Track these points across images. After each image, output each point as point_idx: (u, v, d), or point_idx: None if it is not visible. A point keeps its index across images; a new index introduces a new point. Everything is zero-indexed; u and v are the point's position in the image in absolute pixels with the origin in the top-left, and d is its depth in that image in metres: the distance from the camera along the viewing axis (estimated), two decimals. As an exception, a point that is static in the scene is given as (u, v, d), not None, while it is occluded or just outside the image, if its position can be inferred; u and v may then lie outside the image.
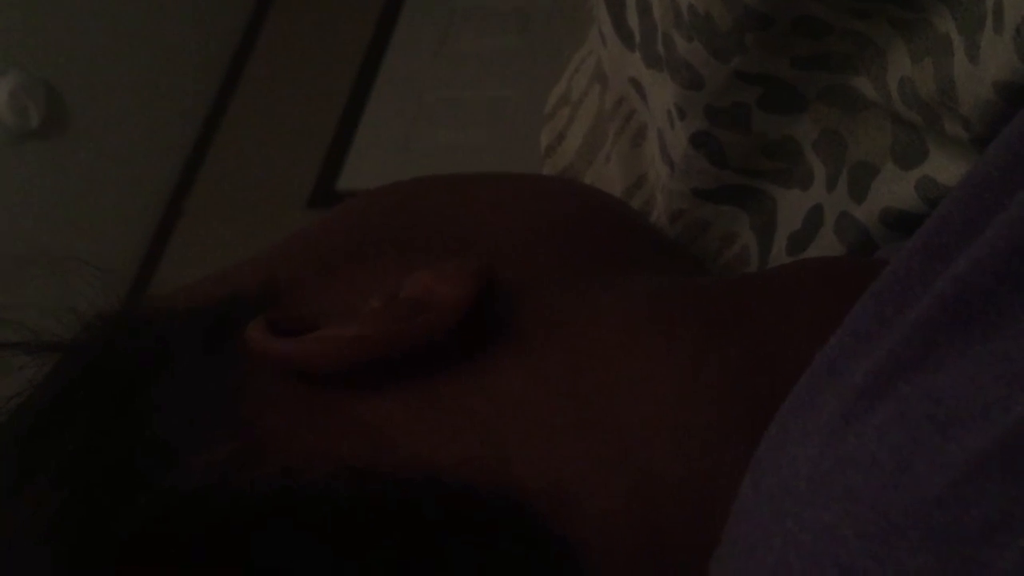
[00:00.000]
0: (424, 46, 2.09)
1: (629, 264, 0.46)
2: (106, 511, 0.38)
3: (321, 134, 2.07)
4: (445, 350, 0.40)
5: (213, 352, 0.41)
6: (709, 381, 0.40)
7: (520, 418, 0.39)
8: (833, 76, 0.48)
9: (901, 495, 0.27)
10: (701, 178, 0.53)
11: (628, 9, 0.54)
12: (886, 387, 0.29)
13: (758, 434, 0.34)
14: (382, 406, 0.39)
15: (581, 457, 0.39)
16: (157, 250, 2.09)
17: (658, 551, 0.38)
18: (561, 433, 0.39)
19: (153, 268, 2.04)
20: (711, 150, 0.51)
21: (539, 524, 0.37)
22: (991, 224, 0.30)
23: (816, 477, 0.29)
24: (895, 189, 0.46)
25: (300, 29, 2.20)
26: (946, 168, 0.44)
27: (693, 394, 0.40)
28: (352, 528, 0.37)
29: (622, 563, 0.38)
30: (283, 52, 2.20)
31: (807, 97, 0.49)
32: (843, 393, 0.30)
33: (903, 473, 0.27)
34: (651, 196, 0.57)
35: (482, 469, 0.38)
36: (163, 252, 2.08)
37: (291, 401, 0.40)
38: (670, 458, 0.39)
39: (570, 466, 0.39)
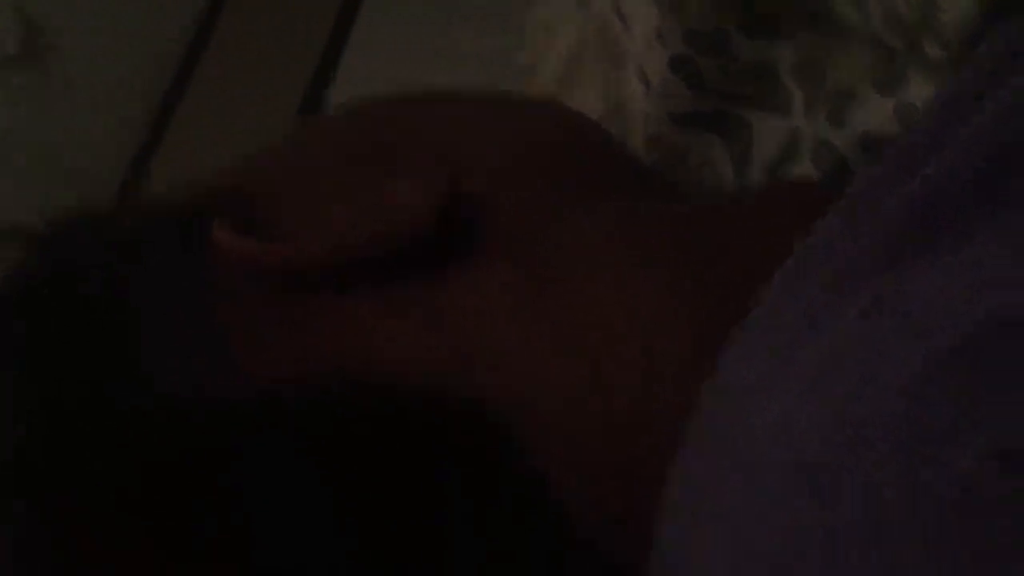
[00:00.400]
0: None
1: (607, 188, 0.46)
2: (72, 446, 0.38)
3: (312, 46, 2.05)
4: (416, 258, 0.40)
5: (186, 251, 0.40)
6: (683, 306, 0.40)
7: (489, 327, 0.39)
8: (815, 1, 0.47)
9: (866, 402, 0.27)
10: (678, 102, 0.53)
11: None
12: (852, 292, 0.29)
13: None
14: (351, 310, 0.39)
15: (548, 370, 0.39)
16: (140, 173, 2.07)
17: (621, 464, 0.37)
18: (529, 345, 0.39)
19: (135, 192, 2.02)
20: (689, 73, 0.51)
21: (501, 432, 0.37)
22: (961, 132, 0.29)
23: (779, 379, 0.29)
24: (874, 114, 0.46)
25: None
26: (925, 93, 0.43)
27: (666, 318, 0.39)
28: (323, 432, 0.37)
29: (583, 473, 0.38)
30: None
31: (788, 22, 0.48)
32: (808, 297, 0.30)
33: (868, 379, 0.27)
34: (629, 122, 0.57)
35: (447, 374, 0.38)
36: (146, 178, 2.06)
37: (262, 305, 0.39)
38: (640, 378, 0.38)
39: (537, 378, 0.38)
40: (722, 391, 0.32)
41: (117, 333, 0.39)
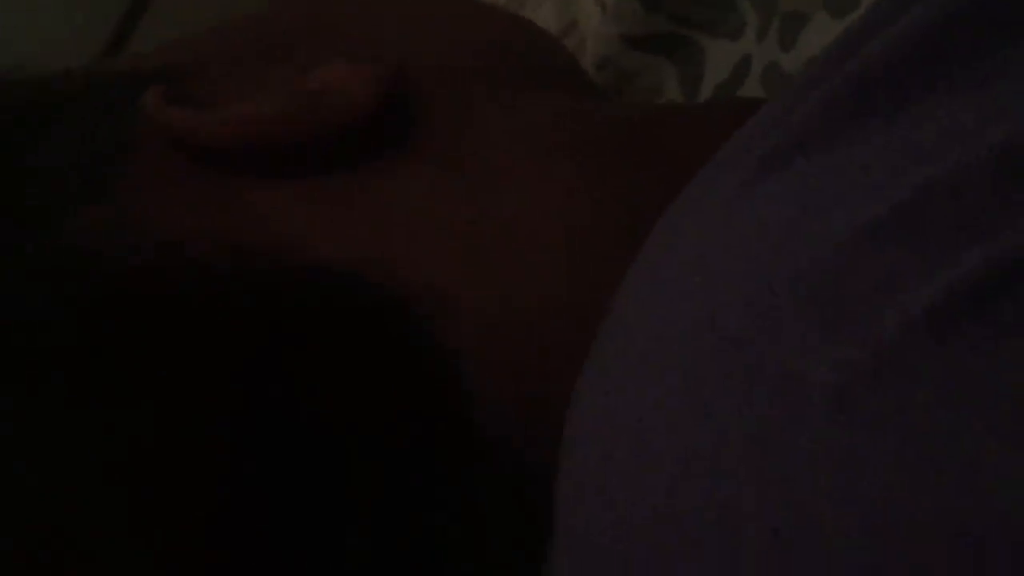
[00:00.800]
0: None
1: (549, 88, 0.45)
2: None
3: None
4: (346, 146, 0.39)
5: (107, 113, 0.39)
6: (614, 206, 0.39)
7: (414, 221, 0.38)
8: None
9: (786, 262, 0.26)
10: (632, 24, 0.52)
11: None
12: (783, 162, 0.28)
13: None
14: (273, 195, 0.38)
15: (472, 266, 0.38)
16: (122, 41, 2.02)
17: (543, 355, 0.37)
18: (454, 241, 0.38)
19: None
20: (644, -7, 0.50)
21: (419, 326, 0.36)
22: (906, 15, 0.29)
23: (700, 249, 0.28)
24: (825, 38, 0.46)
25: None
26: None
27: (596, 218, 0.39)
28: (225, 309, 0.36)
29: (500, 372, 0.37)
30: None
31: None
32: (741, 168, 0.29)
33: (790, 240, 0.26)
34: (580, 42, 0.56)
35: (367, 265, 0.37)
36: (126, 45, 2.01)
37: (181, 176, 0.38)
38: (565, 279, 0.38)
39: (458, 274, 0.38)
40: (647, 274, 0.31)
41: (21, 183, 0.38)
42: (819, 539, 0.24)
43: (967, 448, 0.23)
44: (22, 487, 0.35)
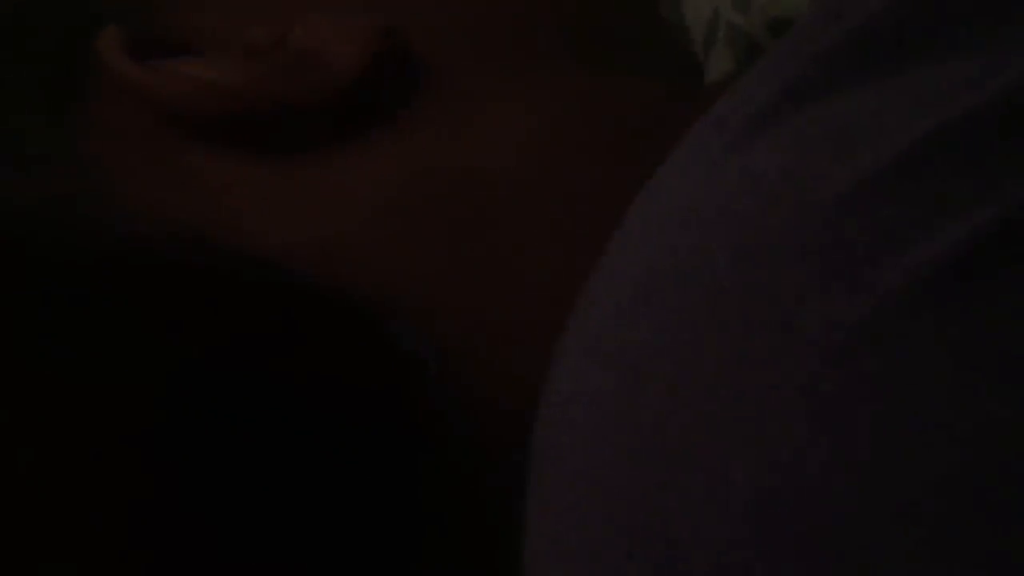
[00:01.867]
0: None
1: (541, 59, 0.42)
2: None
3: None
4: (320, 117, 0.37)
5: (71, 53, 0.37)
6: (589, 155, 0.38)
7: (366, 209, 0.36)
8: None
9: (782, 214, 0.25)
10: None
11: None
12: (776, 115, 0.27)
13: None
14: (232, 169, 0.36)
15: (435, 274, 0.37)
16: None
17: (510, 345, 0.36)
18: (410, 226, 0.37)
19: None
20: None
21: (362, 316, 0.35)
22: None
23: (690, 203, 0.28)
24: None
25: None
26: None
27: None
28: (175, 289, 0.35)
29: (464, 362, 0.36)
30: None
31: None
32: (730, 125, 0.28)
33: (785, 192, 0.26)
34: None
35: (310, 260, 0.35)
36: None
37: (132, 127, 0.36)
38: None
39: (409, 277, 0.36)
40: (635, 227, 0.30)
41: None
42: (808, 501, 0.23)
43: (970, 406, 0.22)
44: None
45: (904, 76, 0.26)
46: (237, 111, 0.36)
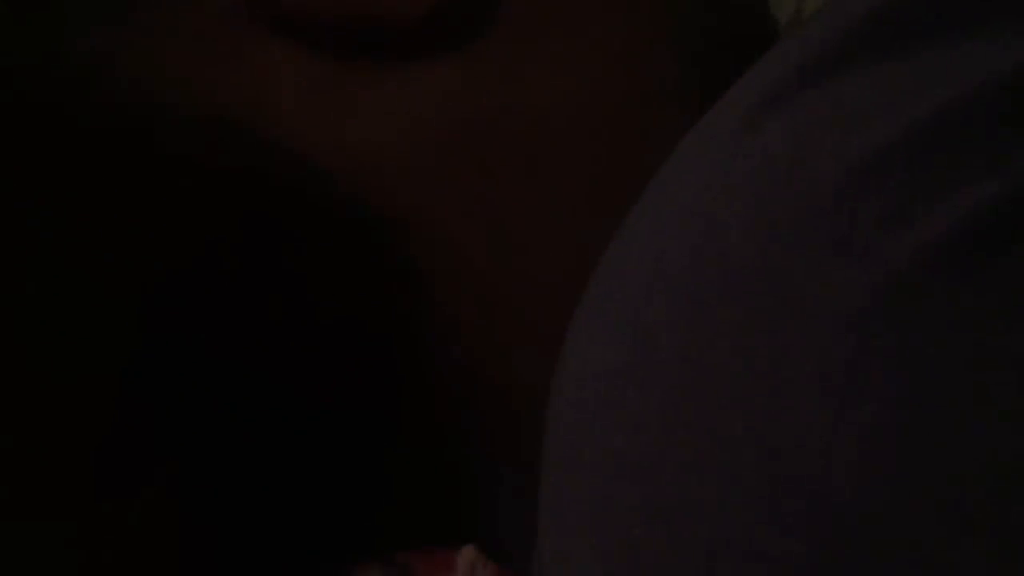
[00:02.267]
0: None
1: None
2: None
3: None
4: (400, 30, 0.37)
5: None
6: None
7: (408, 123, 0.37)
8: None
9: (794, 186, 0.26)
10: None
11: None
12: (791, 93, 0.28)
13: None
14: (285, 60, 0.36)
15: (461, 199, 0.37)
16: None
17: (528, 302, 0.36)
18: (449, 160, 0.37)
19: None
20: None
21: (386, 247, 0.36)
22: None
23: (705, 182, 0.28)
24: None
25: None
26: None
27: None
28: (190, 181, 0.35)
29: (476, 310, 0.36)
30: None
31: None
32: (741, 107, 0.29)
33: (796, 166, 0.26)
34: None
35: (340, 165, 0.36)
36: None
37: (188, 13, 0.37)
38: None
39: (445, 203, 0.37)
40: (649, 208, 0.31)
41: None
42: (823, 467, 0.24)
43: (987, 380, 0.23)
44: None
45: (917, 57, 0.27)
46: (339, 15, 0.36)
